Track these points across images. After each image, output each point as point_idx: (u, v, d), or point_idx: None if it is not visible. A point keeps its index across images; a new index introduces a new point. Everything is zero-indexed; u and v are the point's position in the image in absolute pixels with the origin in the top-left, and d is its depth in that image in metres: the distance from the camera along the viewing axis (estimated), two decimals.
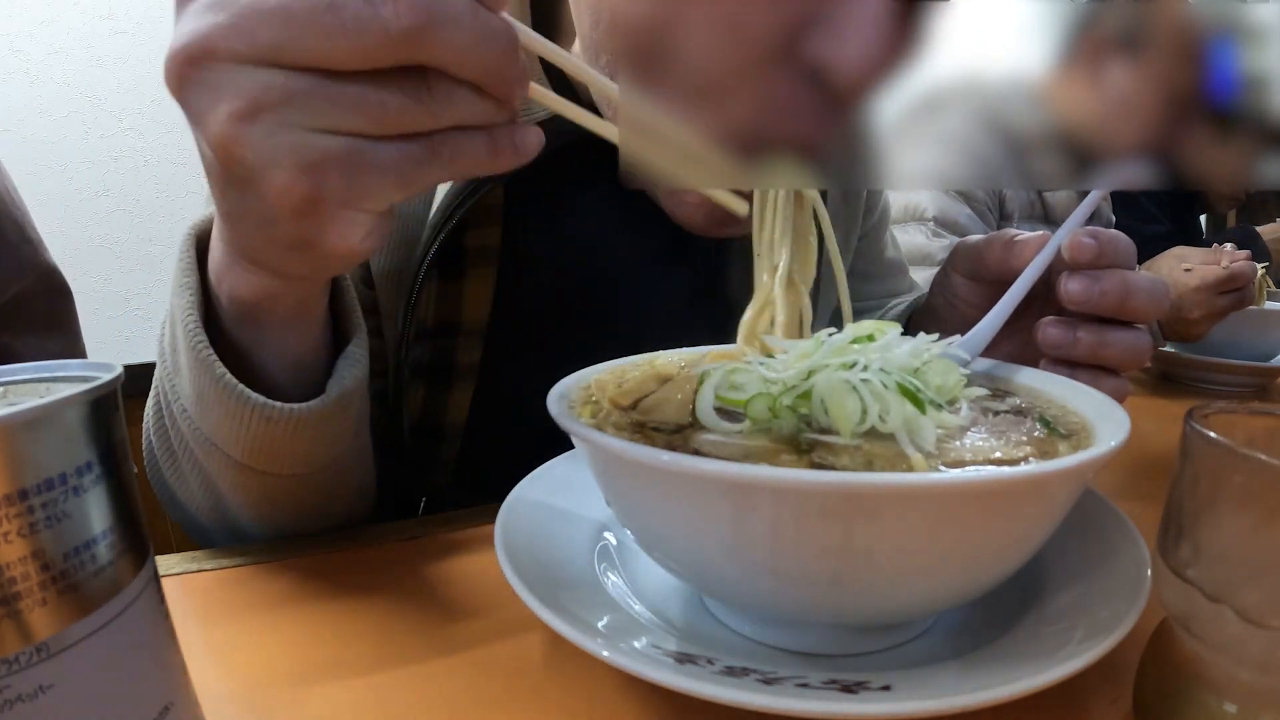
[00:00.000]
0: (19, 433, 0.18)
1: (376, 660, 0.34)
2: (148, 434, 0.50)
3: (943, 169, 0.37)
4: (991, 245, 0.53)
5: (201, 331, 0.39)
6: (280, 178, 0.28)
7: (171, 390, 0.43)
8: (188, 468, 0.46)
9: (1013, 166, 0.38)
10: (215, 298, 0.40)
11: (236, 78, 0.27)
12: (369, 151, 0.29)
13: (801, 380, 0.31)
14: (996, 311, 0.47)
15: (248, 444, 0.41)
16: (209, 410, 0.40)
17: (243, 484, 0.43)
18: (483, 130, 0.31)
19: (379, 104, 0.28)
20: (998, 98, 0.36)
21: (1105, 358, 0.47)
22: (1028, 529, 0.29)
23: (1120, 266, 0.47)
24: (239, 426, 0.40)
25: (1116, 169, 0.36)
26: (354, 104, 0.28)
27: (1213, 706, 0.26)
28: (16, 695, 0.18)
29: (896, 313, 0.79)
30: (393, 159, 0.29)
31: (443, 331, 0.57)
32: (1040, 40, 0.34)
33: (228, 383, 0.39)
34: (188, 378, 0.41)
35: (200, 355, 0.39)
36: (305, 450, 0.42)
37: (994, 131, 0.37)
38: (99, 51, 1.79)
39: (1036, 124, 0.36)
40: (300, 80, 0.27)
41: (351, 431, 0.46)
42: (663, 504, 0.30)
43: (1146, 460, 0.60)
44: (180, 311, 0.39)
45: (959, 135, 0.36)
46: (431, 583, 0.41)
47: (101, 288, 1.95)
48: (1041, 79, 0.35)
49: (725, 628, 0.34)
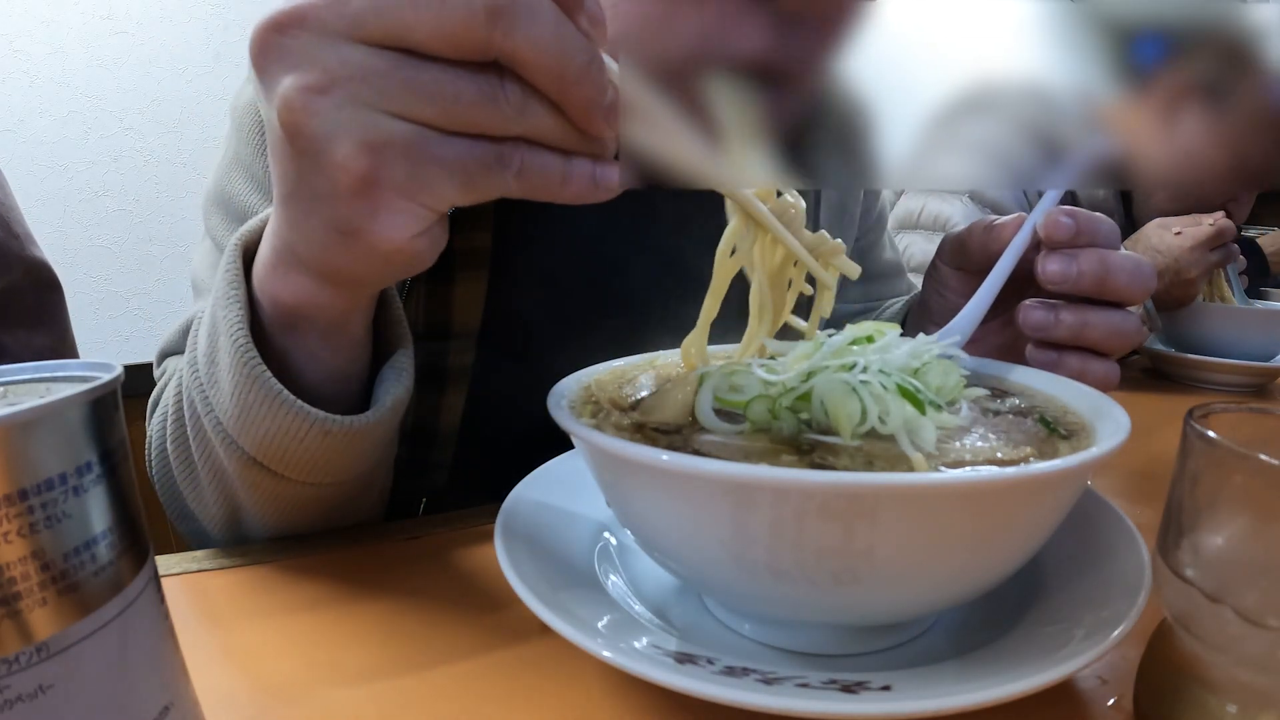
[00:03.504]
0: (19, 433, 0.18)
1: (377, 660, 0.34)
2: (161, 445, 0.50)
3: (972, 172, 0.37)
4: (972, 232, 0.52)
5: (252, 346, 0.38)
6: (342, 151, 0.28)
7: (204, 402, 0.42)
8: (207, 481, 0.45)
9: (1048, 172, 0.37)
10: (259, 305, 0.40)
11: (317, 50, 0.28)
12: (435, 143, 0.29)
13: (801, 382, 0.32)
14: (979, 297, 0.47)
15: (295, 456, 0.40)
16: (255, 424, 0.39)
17: (273, 494, 0.43)
18: (560, 153, 0.31)
19: (452, 93, 0.28)
20: (1053, 110, 0.35)
21: (1089, 339, 0.46)
22: (1028, 529, 0.29)
23: (1100, 247, 0.46)
24: (289, 440, 0.39)
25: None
26: (427, 89, 0.28)
27: (1213, 706, 0.26)
28: (16, 695, 0.18)
29: (892, 313, 0.79)
30: (458, 155, 0.29)
31: (433, 335, 0.57)
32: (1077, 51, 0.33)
33: (285, 399, 0.38)
34: (230, 392, 0.40)
35: (252, 371, 0.38)
36: (350, 461, 0.42)
37: (1039, 141, 0.36)
38: (99, 51, 1.79)
39: (1091, 144, 0.35)
40: (378, 59, 0.28)
41: (390, 441, 0.46)
42: (663, 504, 0.30)
43: (1146, 460, 0.60)
44: (227, 324, 0.39)
45: (997, 139, 0.36)
46: (432, 582, 0.41)
47: (101, 288, 1.95)
48: (1108, 103, 0.34)
49: (725, 628, 0.34)
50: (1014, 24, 0.35)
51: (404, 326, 0.44)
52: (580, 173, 0.31)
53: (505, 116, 0.29)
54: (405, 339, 0.44)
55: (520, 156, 0.30)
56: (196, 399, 0.43)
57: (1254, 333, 0.97)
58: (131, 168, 1.91)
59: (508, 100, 0.29)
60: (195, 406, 0.43)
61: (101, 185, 1.90)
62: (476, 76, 0.28)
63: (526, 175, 0.30)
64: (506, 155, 0.30)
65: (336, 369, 0.42)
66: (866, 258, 0.84)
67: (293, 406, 0.38)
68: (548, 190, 0.31)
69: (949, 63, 0.35)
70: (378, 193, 0.29)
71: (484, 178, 0.30)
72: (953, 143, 0.36)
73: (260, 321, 0.40)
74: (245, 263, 0.40)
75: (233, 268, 0.40)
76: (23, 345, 0.78)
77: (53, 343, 0.83)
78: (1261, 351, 0.96)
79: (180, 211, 1.96)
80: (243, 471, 0.42)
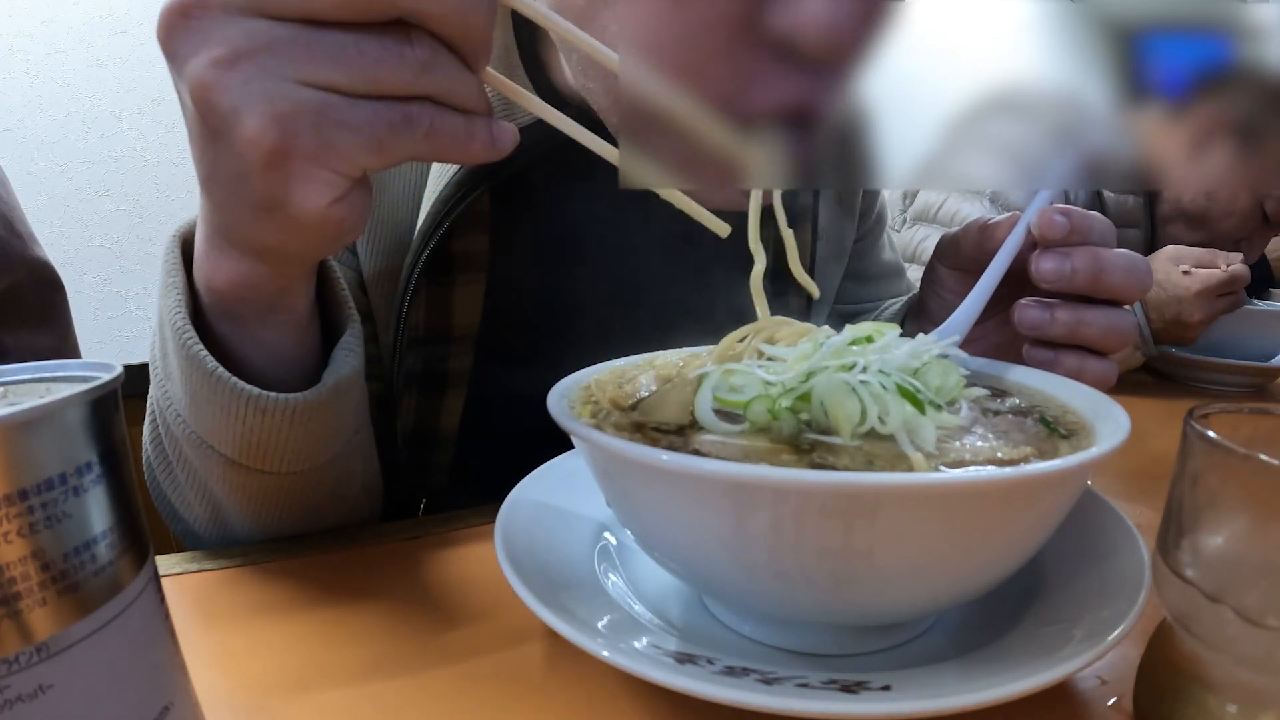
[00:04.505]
0: (19, 433, 0.18)
1: (377, 660, 0.34)
2: (146, 451, 0.50)
3: (989, 172, 0.37)
4: (968, 232, 0.52)
5: (190, 328, 0.39)
6: (251, 125, 0.29)
7: (164, 397, 0.43)
8: (184, 478, 0.46)
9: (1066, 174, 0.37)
10: (199, 295, 0.40)
11: (222, 26, 0.28)
12: (342, 107, 0.29)
13: (800, 382, 0.32)
14: (974, 295, 0.47)
15: (242, 440, 0.40)
16: (202, 409, 0.40)
17: (239, 485, 0.43)
18: (462, 114, 0.31)
19: (356, 54, 0.28)
20: (1079, 117, 0.35)
21: (1084, 337, 0.45)
22: (1028, 529, 0.29)
23: (1095, 244, 0.45)
24: (233, 421, 0.39)
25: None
26: (331, 53, 0.28)
27: (1213, 706, 0.26)
28: (16, 695, 0.18)
29: (891, 313, 0.79)
30: (365, 118, 0.29)
31: (434, 339, 0.57)
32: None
33: (219, 376, 0.38)
34: (179, 379, 0.40)
35: (190, 352, 0.38)
36: (301, 445, 0.42)
37: (1061, 145, 0.36)
38: (99, 51, 1.80)
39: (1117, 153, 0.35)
40: (282, 29, 0.28)
41: (351, 428, 0.45)
42: (663, 504, 0.30)
43: (1146, 460, 0.60)
44: (167, 312, 0.39)
45: (1018, 141, 0.36)
46: (431, 582, 0.41)
47: (101, 288, 1.95)
48: (1138, 120, 0.34)
49: (725, 628, 0.34)
50: (1023, 26, 0.35)
51: (350, 307, 0.44)
52: (479, 133, 0.32)
53: (412, 74, 0.29)
54: (352, 319, 0.44)
55: (429, 117, 0.30)
56: (159, 396, 0.44)
57: (1254, 333, 0.97)
58: (131, 168, 1.91)
59: (415, 57, 0.29)
60: (159, 403, 0.44)
61: (101, 185, 1.90)
62: (381, 37, 0.29)
63: (434, 136, 0.31)
64: (414, 116, 0.30)
65: (283, 352, 0.42)
66: (866, 258, 0.84)
67: (227, 383, 0.38)
68: (454, 150, 0.32)
69: (959, 65, 0.35)
70: (289, 163, 0.30)
71: (393, 140, 0.30)
72: (973, 143, 0.36)
73: (203, 311, 0.40)
74: (186, 254, 0.41)
75: (170, 257, 0.40)
76: (25, 346, 0.78)
77: (55, 343, 0.83)
78: (1261, 351, 0.96)
79: (180, 211, 1.95)
80: (204, 462, 0.42)
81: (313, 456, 0.43)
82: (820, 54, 0.37)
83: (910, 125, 0.36)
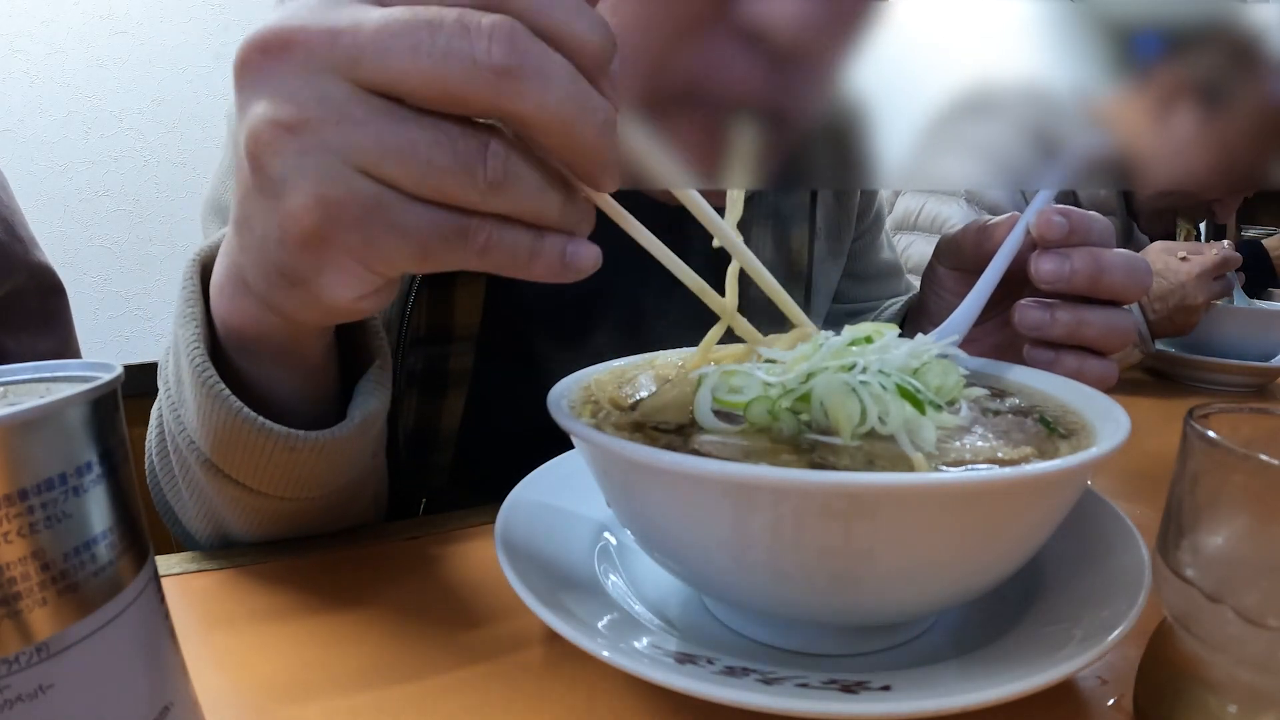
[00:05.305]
0: (19, 433, 0.18)
1: (376, 661, 0.34)
2: (150, 454, 0.50)
3: (972, 172, 0.37)
4: (966, 232, 0.52)
5: (209, 365, 0.37)
6: (296, 200, 0.26)
7: (175, 421, 0.42)
8: (188, 494, 0.45)
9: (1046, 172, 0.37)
10: (216, 321, 0.39)
11: (298, 82, 0.26)
12: (396, 209, 0.26)
13: (800, 383, 0.32)
14: (973, 296, 0.47)
15: (268, 474, 0.39)
16: (222, 441, 0.38)
17: (252, 507, 0.42)
18: (532, 230, 0.28)
19: (426, 159, 0.25)
20: (1052, 110, 0.35)
21: (1085, 338, 0.45)
22: (1028, 529, 0.29)
23: (1094, 245, 0.46)
24: (259, 457, 0.38)
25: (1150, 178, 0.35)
26: (400, 150, 0.25)
27: (1213, 706, 0.26)
28: (16, 695, 0.18)
29: (891, 313, 0.79)
30: (416, 224, 0.26)
31: (435, 339, 0.57)
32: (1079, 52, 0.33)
33: (245, 416, 0.37)
34: (195, 410, 0.39)
35: (212, 391, 0.37)
36: (321, 475, 0.41)
37: (1039, 141, 0.36)
38: (99, 51, 1.79)
39: (1089, 141, 0.35)
40: (358, 105, 0.25)
41: (369, 453, 0.45)
42: (663, 504, 0.30)
43: (1146, 460, 0.60)
44: (185, 344, 0.38)
45: (998, 141, 0.36)
46: (431, 582, 0.41)
47: (101, 288, 1.95)
48: (1104, 99, 0.34)
49: (725, 628, 0.34)
50: (1013, 25, 0.35)
51: (380, 339, 0.43)
52: (551, 251, 0.28)
53: (479, 193, 0.26)
54: (381, 351, 0.43)
55: (487, 232, 0.27)
56: (169, 416, 0.42)
57: (1254, 333, 0.97)
58: (131, 168, 1.91)
59: (486, 175, 0.26)
60: (169, 424, 0.43)
61: (101, 185, 1.90)
62: (458, 141, 0.26)
63: (490, 252, 0.27)
64: (472, 230, 0.27)
65: (298, 390, 0.41)
66: (864, 258, 0.84)
67: (254, 424, 0.37)
68: (512, 268, 0.28)
69: (948, 64, 0.35)
70: (326, 250, 0.28)
71: (443, 251, 0.27)
72: (951, 143, 0.36)
73: (219, 340, 0.39)
74: (205, 279, 0.39)
75: (189, 285, 0.39)
76: (27, 349, 0.78)
77: (57, 347, 0.83)
78: (1261, 351, 0.96)
79: (180, 211, 1.96)
80: (219, 487, 0.41)
81: (330, 483, 0.43)
82: (789, 46, 0.36)
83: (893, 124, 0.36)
